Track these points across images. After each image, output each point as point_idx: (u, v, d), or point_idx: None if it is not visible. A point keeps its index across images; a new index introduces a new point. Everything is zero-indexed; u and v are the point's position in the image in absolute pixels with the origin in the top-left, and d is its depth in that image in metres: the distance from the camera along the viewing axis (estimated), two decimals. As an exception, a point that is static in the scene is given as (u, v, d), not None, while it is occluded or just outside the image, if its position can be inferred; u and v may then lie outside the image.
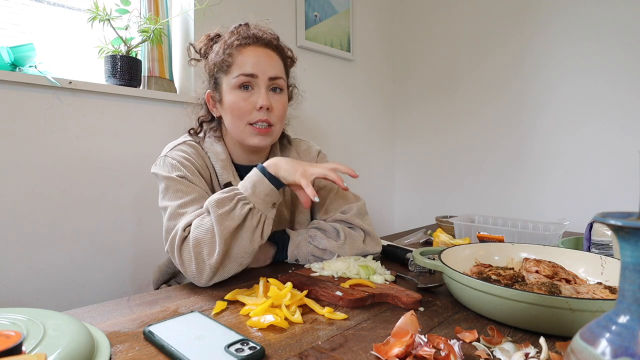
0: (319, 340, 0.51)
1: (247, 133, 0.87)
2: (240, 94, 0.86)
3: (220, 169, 0.89)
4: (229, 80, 0.87)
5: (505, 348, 0.47)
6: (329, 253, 0.86)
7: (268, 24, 0.94)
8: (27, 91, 1.08)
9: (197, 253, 0.70)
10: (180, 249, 0.72)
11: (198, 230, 0.72)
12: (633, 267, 0.29)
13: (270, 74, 0.87)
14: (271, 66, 0.87)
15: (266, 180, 0.77)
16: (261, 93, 0.86)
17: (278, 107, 0.89)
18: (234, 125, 0.88)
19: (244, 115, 0.86)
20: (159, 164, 0.86)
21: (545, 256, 0.75)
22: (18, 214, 1.08)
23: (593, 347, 0.29)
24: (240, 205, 0.74)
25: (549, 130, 1.69)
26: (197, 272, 0.71)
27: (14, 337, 0.33)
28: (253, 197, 0.75)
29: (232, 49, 0.86)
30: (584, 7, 1.58)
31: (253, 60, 0.86)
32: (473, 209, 1.92)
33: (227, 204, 0.73)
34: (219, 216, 0.71)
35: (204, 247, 0.71)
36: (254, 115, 0.86)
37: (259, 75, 0.86)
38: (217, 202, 0.73)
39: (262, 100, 0.85)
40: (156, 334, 0.50)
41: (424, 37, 2.13)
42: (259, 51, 0.87)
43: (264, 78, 0.86)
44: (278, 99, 0.89)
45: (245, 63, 0.85)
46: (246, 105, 0.86)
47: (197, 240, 0.71)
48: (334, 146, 1.92)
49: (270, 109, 0.87)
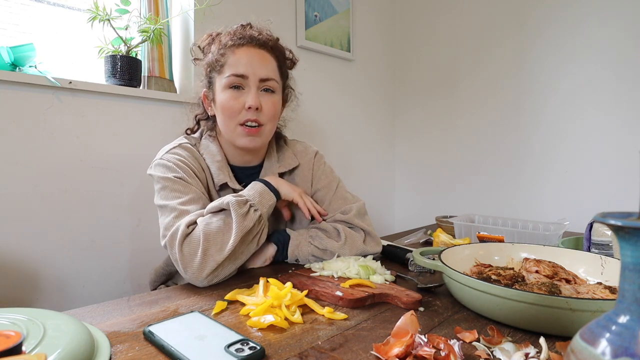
0: (319, 340, 0.51)
1: (237, 134, 0.88)
2: (231, 94, 0.86)
3: (216, 169, 0.90)
4: (221, 80, 0.87)
5: (505, 348, 0.47)
6: (329, 253, 0.86)
7: (269, 25, 0.95)
8: (27, 91, 1.08)
9: (205, 248, 0.72)
10: (181, 244, 0.73)
11: (209, 226, 0.74)
12: (633, 267, 0.29)
13: (261, 75, 0.87)
14: (263, 67, 0.87)
15: (271, 192, 0.84)
16: (251, 93, 0.86)
17: (268, 106, 0.88)
18: (225, 125, 0.89)
19: (233, 115, 0.87)
20: (154, 166, 0.87)
21: (545, 256, 0.75)
22: (18, 213, 1.08)
23: (593, 347, 0.29)
24: (252, 211, 0.78)
25: (549, 130, 1.69)
26: (199, 266, 0.71)
27: (14, 337, 0.33)
28: (260, 206, 0.80)
29: (225, 49, 0.87)
30: (583, 7, 1.58)
31: (245, 60, 0.86)
32: (473, 209, 1.92)
33: (243, 206, 0.77)
34: (240, 216, 0.75)
35: (215, 243, 0.73)
36: (243, 115, 0.86)
37: (249, 75, 0.86)
38: (237, 202, 0.76)
39: (250, 99, 0.85)
40: (156, 334, 0.50)
41: (423, 37, 2.13)
42: (252, 52, 0.87)
43: (254, 79, 0.86)
44: (268, 98, 0.89)
45: (237, 63, 0.86)
46: (236, 104, 0.86)
47: (208, 235, 0.73)
48: (333, 146, 1.92)
49: (260, 109, 0.87)
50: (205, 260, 0.71)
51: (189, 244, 0.73)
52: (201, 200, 0.82)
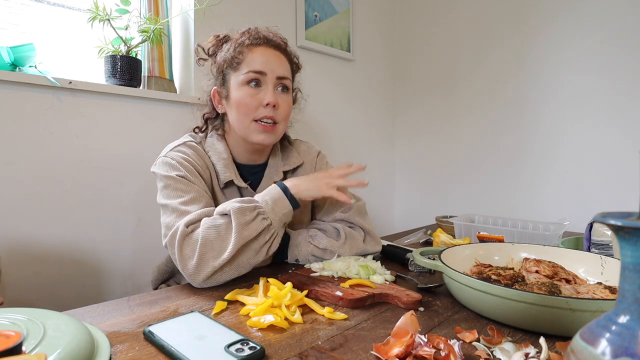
0: (319, 340, 0.51)
1: (252, 129, 0.88)
2: (248, 90, 0.87)
3: (222, 167, 0.90)
4: (238, 77, 0.88)
5: (505, 348, 0.47)
6: (329, 253, 0.86)
7: (277, 30, 0.96)
8: (27, 91, 1.08)
9: (202, 252, 0.70)
10: (181, 244, 0.72)
11: (209, 230, 0.72)
12: (633, 267, 0.29)
13: (279, 73, 0.89)
14: (280, 66, 0.90)
15: (287, 200, 0.79)
16: (269, 90, 0.87)
17: (284, 105, 0.90)
18: (239, 121, 0.89)
19: (250, 112, 0.87)
20: (158, 164, 0.87)
21: (545, 256, 0.75)
22: (18, 213, 1.08)
23: (593, 347, 0.29)
24: (259, 219, 0.75)
25: (549, 130, 1.69)
26: (195, 269, 0.70)
27: (14, 337, 0.33)
28: (272, 214, 0.77)
29: (242, 47, 0.88)
30: (583, 7, 1.58)
31: (263, 59, 0.88)
32: (473, 209, 1.92)
33: (247, 214, 0.74)
34: (240, 225, 0.72)
35: (212, 249, 0.71)
36: (260, 111, 0.87)
37: (267, 73, 0.87)
38: (239, 209, 0.73)
39: (269, 97, 0.87)
40: (156, 334, 0.50)
41: (424, 37, 2.13)
42: (268, 52, 0.89)
43: (272, 76, 0.88)
44: (285, 98, 0.91)
45: (255, 61, 0.87)
46: (253, 101, 0.87)
47: (206, 240, 0.71)
48: (333, 146, 1.92)
49: (277, 107, 0.88)
50: (202, 264, 0.70)
51: (188, 245, 0.72)
52: (203, 199, 0.81)
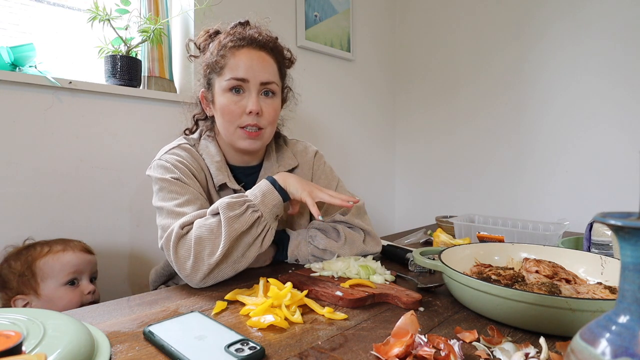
0: (319, 340, 0.51)
1: (237, 136, 0.87)
2: (231, 97, 0.86)
3: (215, 170, 0.90)
4: (221, 82, 0.86)
5: (505, 348, 0.47)
6: (329, 253, 0.86)
7: (268, 23, 0.94)
8: (27, 91, 1.08)
9: (197, 251, 0.70)
10: (176, 246, 0.72)
11: (201, 229, 0.72)
12: (633, 267, 0.29)
13: (262, 79, 0.86)
14: (264, 70, 0.86)
15: (276, 192, 0.79)
16: (252, 97, 0.85)
17: (269, 111, 0.88)
18: (225, 127, 0.88)
19: (234, 119, 0.86)
20: (153, 167, 0.87)
21: (545, 256, 0.75)
22: (17, 214, 1.08)
23: (593, 347, 0.29)
24: (249, 212, 0.74)
25: (548, 130, 1.69)
26: (192, 270, 0.70)
27: (14, 337, 0.33)
28: (262, 206, 0.76)
29: (225, 50, 0.86)
30: (582, 11, 1.58)
31: (246, 63, 0.85)
32: (473, 209, 1.92)
33: (237, 208, 0.73)
34: (229, 218, 0.72)
35: (206, 247, 0.71)
36: (243, 119, 0.86)
37: (250, 79, 0.85)
38: (227, 205, 0.73)
39: (252, 104, 0.85)
40: (156, 334, 0.50)
41: (424, 37, 2.13)
42: (252, 54, 0.86)
43: (255, 82, 0.86)
44: (269, 103, 0.89)
45: (237, 66, 0.85)
46: (236, 108, 0.85)
47: (199, 239, 0.71)
48: (333, 146, 1.92)
49: (260, 114, 0.87)
50: (198, 263, 0.70)
51: (183, 246, 0.72)
52: (199, 201, 0.81)
